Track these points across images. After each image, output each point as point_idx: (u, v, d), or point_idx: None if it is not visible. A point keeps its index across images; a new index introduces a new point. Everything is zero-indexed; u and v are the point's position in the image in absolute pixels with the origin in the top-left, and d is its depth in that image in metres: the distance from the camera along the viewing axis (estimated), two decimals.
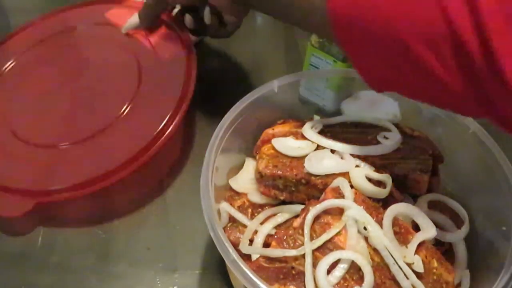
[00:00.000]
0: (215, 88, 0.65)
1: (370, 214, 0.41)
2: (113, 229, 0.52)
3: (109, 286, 0.49)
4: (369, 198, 0.43)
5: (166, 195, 0.55)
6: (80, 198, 0.49)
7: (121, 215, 0.53)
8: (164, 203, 0.55)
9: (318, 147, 0.47)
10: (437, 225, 0.43)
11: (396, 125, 0.49)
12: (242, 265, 0.38)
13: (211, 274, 0.50)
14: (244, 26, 0.72)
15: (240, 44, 0.70)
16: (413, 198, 0.46)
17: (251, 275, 0.37)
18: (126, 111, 0.54)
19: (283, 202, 0.46)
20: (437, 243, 0.43)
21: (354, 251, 0.39)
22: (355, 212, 0.41)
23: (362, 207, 0.41)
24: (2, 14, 0.71)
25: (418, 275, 0.40)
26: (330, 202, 0.41)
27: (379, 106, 0.52)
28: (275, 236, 0.42)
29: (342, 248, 0.40)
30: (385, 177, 0.44)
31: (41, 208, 0.49)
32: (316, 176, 0.44)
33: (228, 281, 0.48)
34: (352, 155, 0.46)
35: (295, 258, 0.40)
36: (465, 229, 0.44)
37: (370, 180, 0.44)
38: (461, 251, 0.44)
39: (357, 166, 0.45)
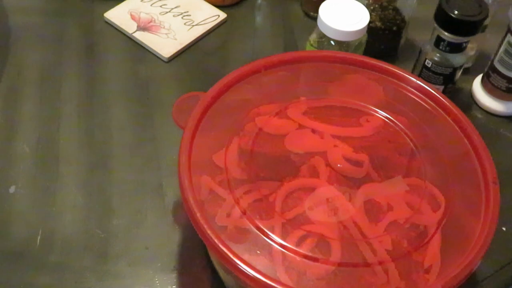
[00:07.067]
0: None
1: (344, 193, 0.44)
2: (112, 228, 0.53)
3: (107, 286, 0.49)
4: (346, 177, 0.45)
5: (165, 194, 0.55)
6: None
7: (120, 215, 0.54)
8: (163, 203, 0.55)
9: (300, 127, 0.49)
10: (412, 208, 0.45)
11: None
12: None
13: (210, 274, 0.50)
14: (244, 26, 0.72)
15: (240, 44, 0.70)
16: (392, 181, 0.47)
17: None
18: None
19: (263, 178, 0.47)
20: (411, 225, 0.44)
21: (323, 227, 0.42)
22: (326, 189, 0.44)
23: (334, 185, 0.44)
24: (2, 14, 0.71)
25: (388, 254, 0.42)
26: (303, 180, 0.45)
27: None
28: (251, 210, 0.44)
29: (312, 223, 0.42)
30: (362, 158, 0.46)
31: None
32: (295, 154, 0.46)
33: None
34: (332, 135, 0.48)
35: (267, 230, 0.41)
36: (440, 213, 0.45)
37: (349, 160, 0.46)
38: (433, 234, 0.44)
39: (335, 146, 0.47)
